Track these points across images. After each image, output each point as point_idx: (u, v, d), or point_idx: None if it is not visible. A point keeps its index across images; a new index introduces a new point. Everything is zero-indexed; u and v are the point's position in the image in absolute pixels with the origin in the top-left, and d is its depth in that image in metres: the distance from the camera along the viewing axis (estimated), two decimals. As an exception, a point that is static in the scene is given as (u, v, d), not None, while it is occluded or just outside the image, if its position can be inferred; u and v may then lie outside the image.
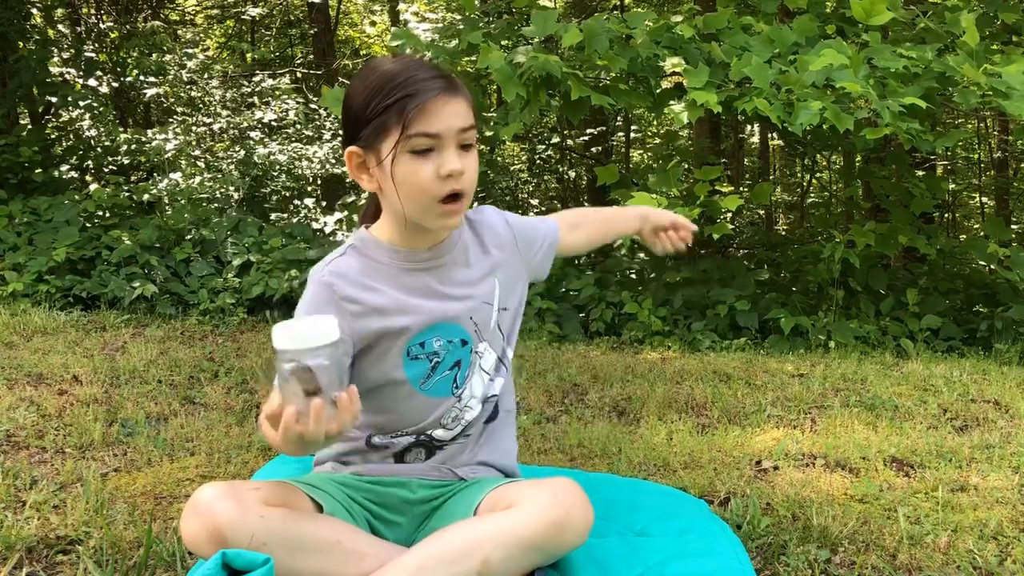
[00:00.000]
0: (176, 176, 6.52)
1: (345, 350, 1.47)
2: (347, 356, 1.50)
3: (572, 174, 8.31)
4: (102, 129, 7.36)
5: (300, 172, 7.71)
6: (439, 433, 1.60)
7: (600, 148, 8.04)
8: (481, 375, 1.62)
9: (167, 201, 6.15)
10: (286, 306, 5.04)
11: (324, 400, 1.20)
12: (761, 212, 9.08)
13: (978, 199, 11.00)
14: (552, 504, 1.40)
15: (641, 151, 10.49)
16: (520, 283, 1.70)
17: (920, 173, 6.16)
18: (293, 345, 1.20)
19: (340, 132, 7.32)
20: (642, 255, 6.95)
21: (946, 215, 9.97)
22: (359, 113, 1.44)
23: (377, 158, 1.44)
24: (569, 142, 7.90)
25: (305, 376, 1.20)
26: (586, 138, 7.83)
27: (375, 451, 1.60)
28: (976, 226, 10.74)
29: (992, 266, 5.59)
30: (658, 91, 4.98)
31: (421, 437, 1.59)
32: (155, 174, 6.91)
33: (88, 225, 5.67)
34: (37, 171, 6.47)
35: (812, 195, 9.07)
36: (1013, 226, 9.51)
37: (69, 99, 6.96)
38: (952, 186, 9.22)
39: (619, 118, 8.81)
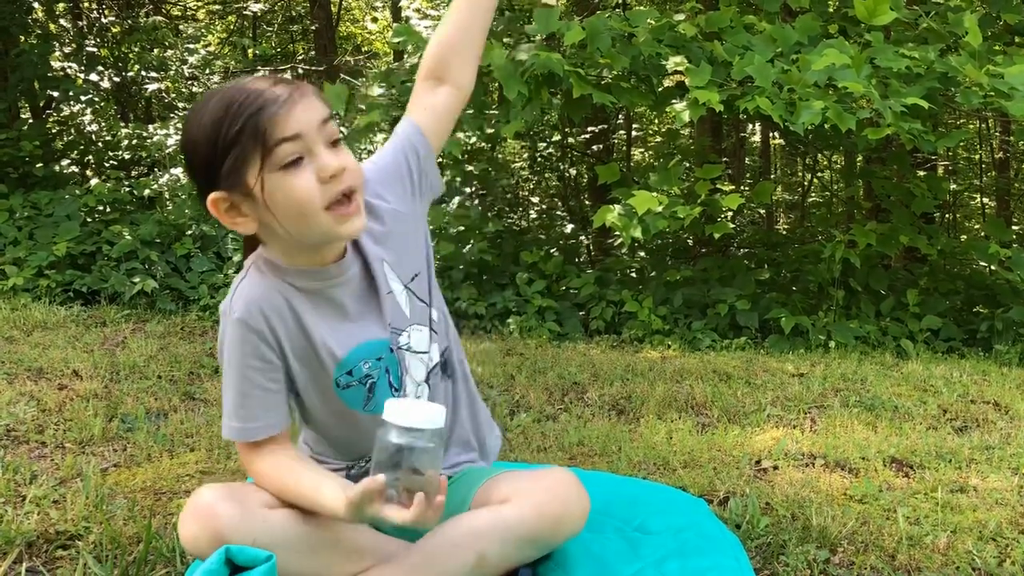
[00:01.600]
0: (177, 171, 6.51)
1: (282, 394, 1.45)
2: (285, 403, 1.46)
3: (573, 172, 8.31)
4: (103, 124, 7.35)
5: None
6: None
7: (601, 146, 8.03)
8: (416, 358, 1.52)
9: (168, 196, 6.15)
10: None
11: (432, 484, 1.23)
12: (762, 211, 9.07)
13: (979, 200, 10.99)
14: (549, 499, 1.41)
15: (642, 149, 10.48)
16: (415, 233, 1.55)
17: (921, 173, 6.16)
18: (425, 425, 1.23)
19: (343, 128, 7.33)
20: (642, 254, 6.95)
21: (947, 215, 9.95)
22: (208, 154, 1.30)
23: (246, 192, 1.31)
24: (570, 140, 7.90)
25: (433, 455, 1.23)
26: (587, 136, 7.82)
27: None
28: (977, 227, 10.73)
29: (993, 267, 5.59)
30: (660, 90, 4.97)
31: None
32: (156, 169, 6.91)
33: (89, 220, 5.66)
34: (38, 165, 6.47)
35: (813, 195, 9.06)
36: (1014, 227, 9.50)
37: (70, 94, 6.95)
38: (953, 186, 9.20)
39: (620, 116, 8.80)
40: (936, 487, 2.12)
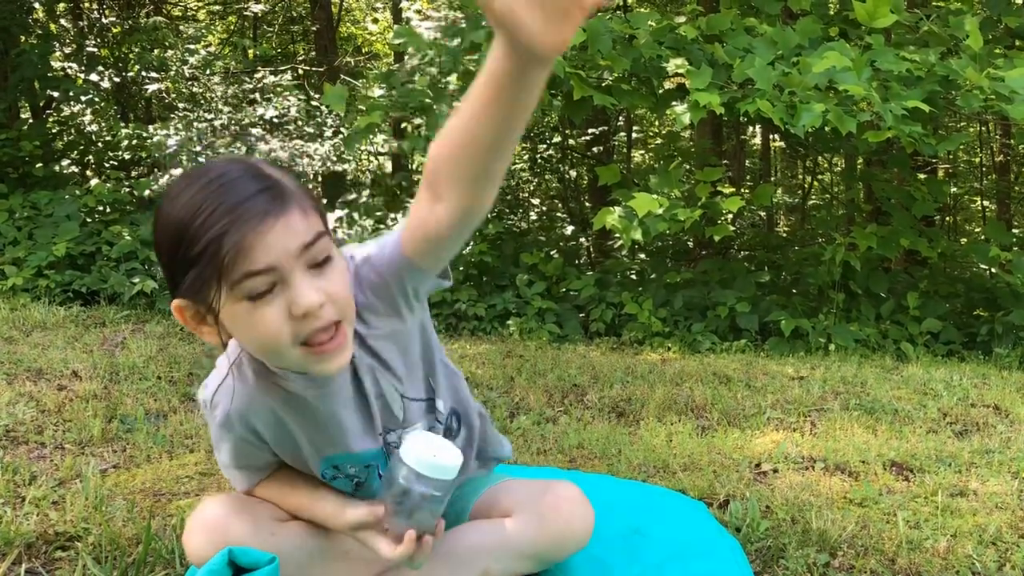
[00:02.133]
0: (177, 172, 6.51)
1: (268, 463, 1.40)
2: (271, 464, 1.39)
3: (573, 174, 8.31)
4: (103, 124, 7.35)
5: (301, 169, 7.71)
6: None
7: (601, 148, 8.04)
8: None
9: (168, 197, 6.14)
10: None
11: (429, 526, 1.24)
12: (762, 214, 9.08)
13: (979, 203, 11.00)
14: (553, 517, 1.38)
15: (643, 151, 10.49)
16: (412, 335, 1.32)
17: (922, 176, 6.16)
18: (438, 474, 1.22)
19: (343, 129, 7.33)
20: (642, 256, 6.95)
21: (947, 219, 9.97)
22: (168, 262, 1.11)
23: (210, 310, 1.10)
24: (571, 142, 7.90)
25: (435, 505, 1.24)
26: (588, 138, 7.82)
27: None
28: (977, 230, 10.73)
29: (993, 270, 5.59)
30: (661, 92, 4.98)
31: None
32: (156, 170, 6.91)
33: (88, 220, 5.67)
34: (38, 166, 6.47)
35: (813, 197, 9.06)
36: (1014, 230, 9.50)
37: (71, 94, 6.96)
38: (954, 189, 9.22)
39: (621, 118, 8.80)
40: (936, 491, 2.12)
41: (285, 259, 1.09)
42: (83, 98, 7.13)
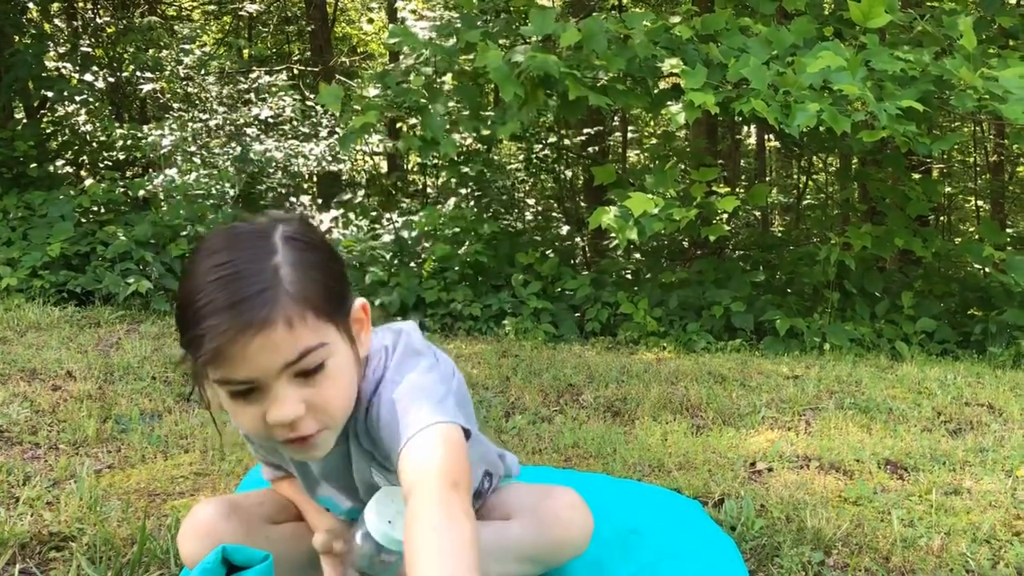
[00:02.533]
0: (172, 172, 6.50)
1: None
2: None
3: (569, 174, 8.31)
4: (98, 124, 7.33)
5: (296, 169, 7.70)
6: None
7: (597, 148, 8.04)
8: None
9: (162, 197, 6.14)
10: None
11: None
12: (757, 214, 9.09)
13: (974, 202, 11.03)
14: (553, 522, 1.38)
15: (638, 151, 10.49)
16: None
17: (916, 176, 6.18)
18: (392, 546, 1.18)
19: (338, 129, 7.32)
20: (638, 256, 6.96)
21: (942, 218, 9.99)
22: (177, 325, 1.11)
23: (206, 381, 1.10)
24: (566, 142, 7.90)
25: (388, 568, 1.21)
26: (583, 138, 7.82)
27: None
28: (971, 229, 10.76)
29: (987, 269, 5.60)
30: (656, 91, 4.98)
31: None
32: (151, 170, 6.89)
33: (83, 220, 5.65)
34: (32, 166, 6.45)
35: (808, 197, 9.07)
36: (1008, 229, 9.52)
37: (65, 94, 6.93)
38: (948, 189, 9.24)
39: (616, 118, 8.81)
40: (930, 489, 2.12)
41: (264, 374, 1.06)
42: (77, 98, 7.10)
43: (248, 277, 1.04)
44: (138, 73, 7.64)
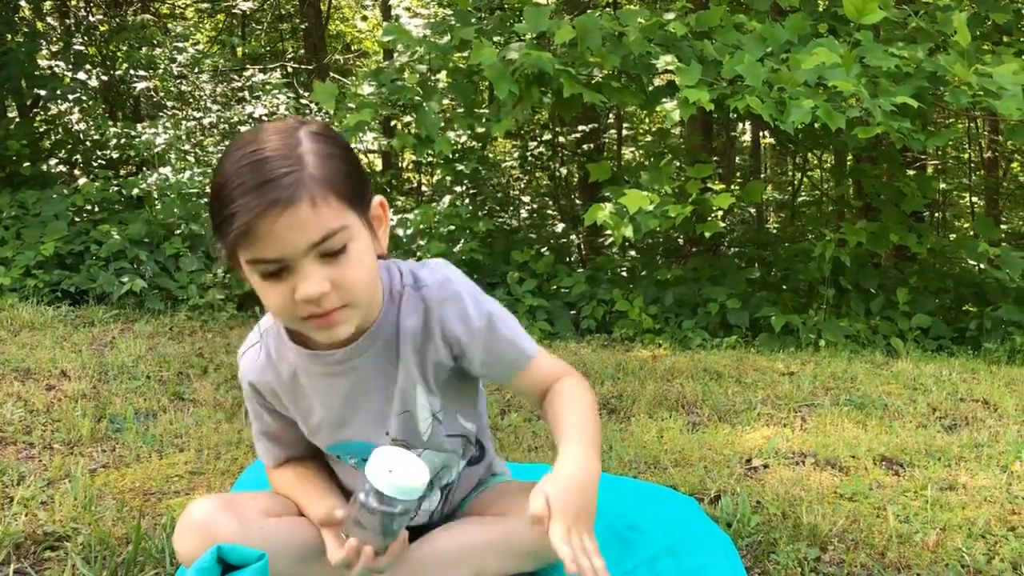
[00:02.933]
0: (166, 171, 6.48)
1: (294, 437, 1.46)
2: (299, 441, 1.46)
3: (564, 171, 8.31)
4: (91, 123, 7.31)
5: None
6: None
7: (592, 145, 8.03)
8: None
9: (156, 196, 6.12)
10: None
11: (382, 543, 1.24)
12: (752, 210, 9.10)
13: (968, 199, 11.05)
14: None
15: (633, 148, 10.49)
16: (473, 386, 1.45)
17: (911, 172, 6.18)
18: (394, 493, 1.20)
19: (332, 127, 7.30)
20: (633, 253, 6.96)
21: (936, 214, 10.00)
22: (211, 213, 1.18)
23: (238, 265, 1.19)
24: (561, 139, 7.90)
25: (388, 521, 1.23)
26: (578, 135, 7.82)
27: None
28: (966, 225, 10.78)
29: (982, 265, 5.62)
30: (650, 89, 4.98)
31: None
32: (144, 168, 6.88)
33: (77, 219, 5.64)
34: (25, 165, 6.43)
35: (803, 194, 9.08)
36: (1003, 225, 9.55)
37: (58, 92, 6.91)
38: (943, 185, 9.25)
39: (611, 115, 8.80)
40: (926, 485, 2.12)
41: (292, 252, 1.13)
42: (71, 97, 7.08)
43: (275, 161, 1.12)
44: (131, 71, 7.62)
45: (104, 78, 7.61)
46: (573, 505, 1.21)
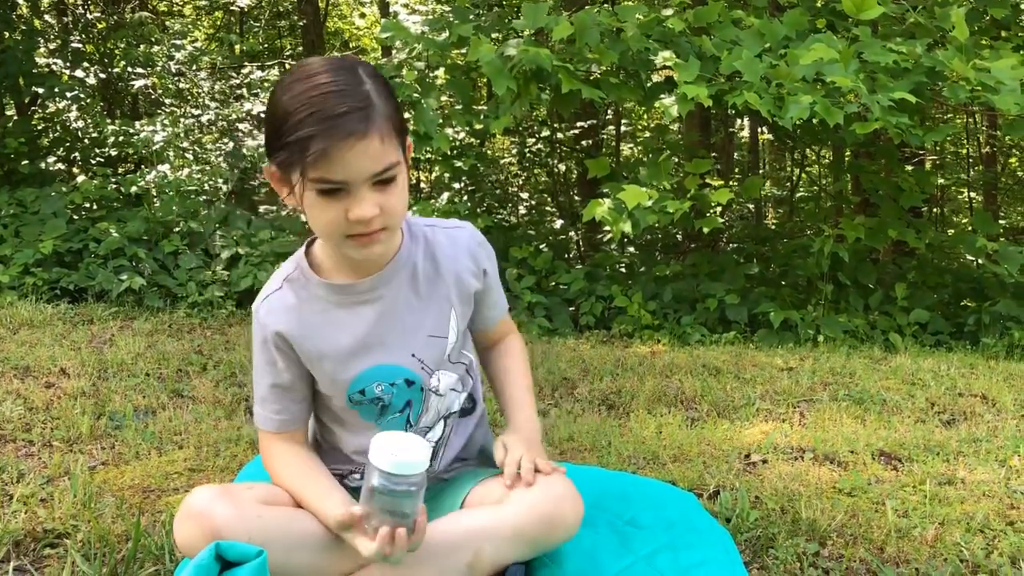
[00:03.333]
0: (164, 168, 6.47)
1: (302, 395, 1.50)
2: (306, 398, 1.51)
3: (562, 168, 8.31)
4: (89, 120, 7.30)
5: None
6: None
7: (590, 141, 8.03)
8: (438, 402, 1.54)
9: (155, 193, 6.11)
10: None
11: (407, 522, 1.28)
12: (751, 206, 9.10)
13: (966, 194, 11.04)
14: (543, 498, 1.41)
15: (631, 145, 10.49)
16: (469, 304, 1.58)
17: (909, 168, 6.18)
18: (402, 471, 1.25)
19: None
20: (632, 249, 6.96)
21: (935, 210, 10.00)
22: (268, 135, 1.33)
23: (289, 185, 1.32)
24: (559, 135, 7.90)
25: (408, 499, 1.27)
26: (576, 131, 7.82)
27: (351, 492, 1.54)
28: (964, 221, 10.78)
29: (980, 260, 5.62)
30: (649, 85, 4.98)
31: None
32: (143, 166, 6.86)
33: (75, 217, 5.63)
34: (23, 163, 6.42)
35: (802, 189, 9.09)
36: (1001, 221, 9.55)
37: (56, 90, 6.90)
38: (941, 181, 9.25)
39: (609, 111, 8.80)
40: (924, 480, 2.13)
41: (356, 178, 1.27)
42: (68, 94, 7.07)
43: (351, 95, 1.26)
44: (129, 69, 7.61)
45: (102, 76, 7.60)
46: (525, 445, 1.50)
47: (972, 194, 10.88)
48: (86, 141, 7.22)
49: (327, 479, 1.46)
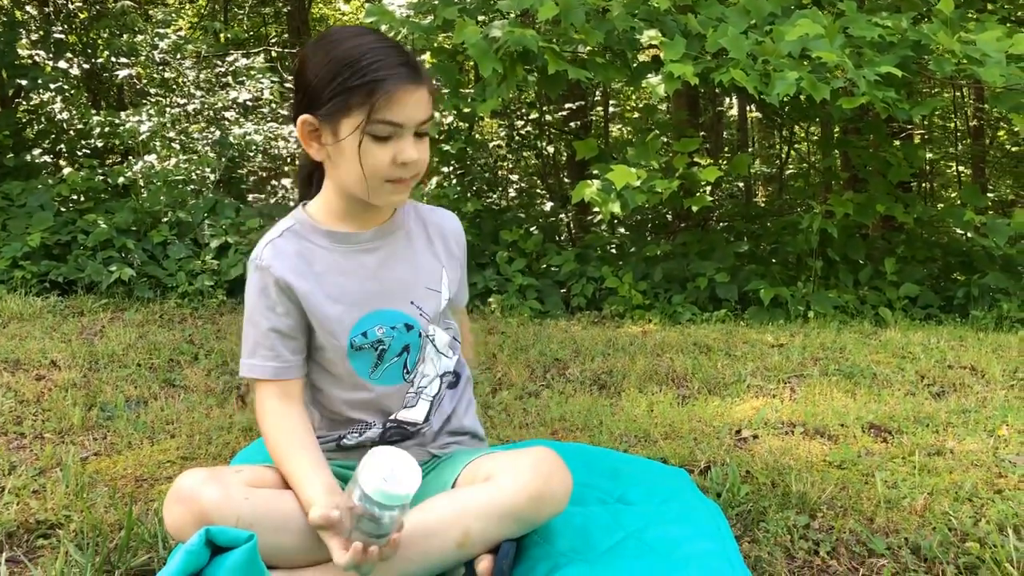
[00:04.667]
0: (151, 158, 6.44)
1: (300, 346, 1.51)
2: (302, 352, 1.52)
3: (551, 150, 8.29)
4: (74, 112, 7.25)
5: (277, 152, 7.65)
6: (404, 415, 1.59)
7: (579, 123, 8.01)
8: (435, 357, 1.60)
9: (142, 184, 6.08)
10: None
11: (382, 541, 1.27)
12: (740, 184, 9.11)
13: (955, 168, 11.07)
14: (532, 476, 1.42)
15: (620, 125, 10.47)
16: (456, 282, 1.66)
17: (897, 143, 6.19)
18: (388, 501, 1.24)
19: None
20: (622, 230, 6.96)
21: (923, 184, 10.02)
22: (320, 86, 1.40)
23: (334, 133, 1.41)
24: (547, 117, 7.87)
25: (387, 523, 1.26)
26: (564, 113, 7.80)
27: (348, 451, 1.58)
28: (953, 195, 10.81)
29: (969, 234, 5.64)
30: (635, 64, 4.96)
31: (389, 425, 1.58)
32: (130, 156, 6.83)
33: (63, 209, 5.60)
34: (8, 156, 6.38)
35: (790, 166, 9.10)
36: (989, 194, 9.58)
37: (39, 81, 6.85)
38: (929, 155, 9.27)
39: (598, 93, 8.78)
40: (913, 451, 2.14)
41: (410, 122, 1.40)
42: (52, 86, 7.02)
43: (404, 52, 1.42)
44: (113, 59, 7.55)
45: (86, 66, 7.54)
46: None
47: (960, 168, 10.91)
48: (71, 133, 7.17)
49: (314, 454, 1.44)
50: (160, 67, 8.05)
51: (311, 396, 1.60)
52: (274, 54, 9.73)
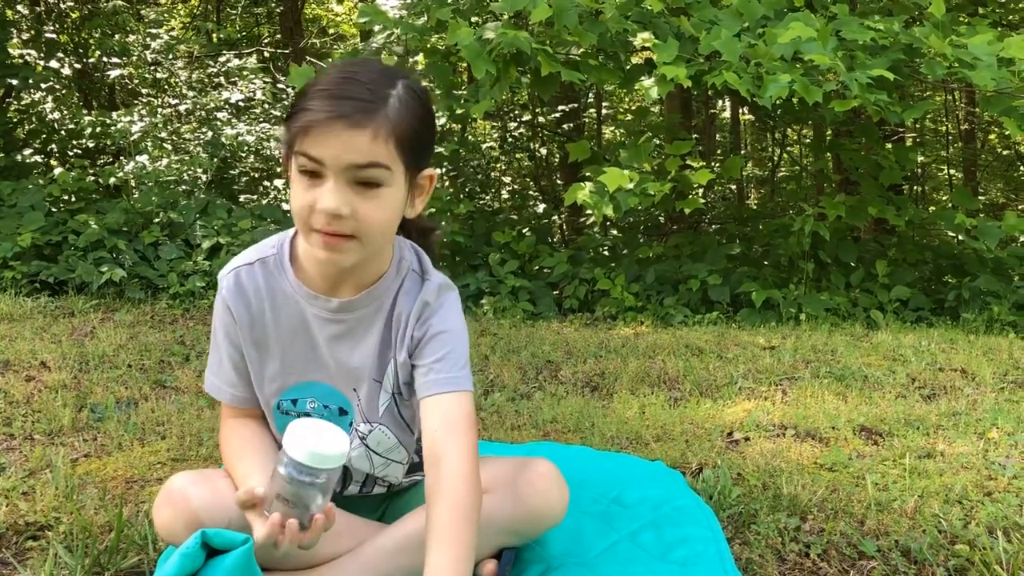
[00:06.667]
0: (143, 159, 6.42)
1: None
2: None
3: (544, 152, 8.29)
4: (65, 112, 7.23)
5: (269, 153, 7.64)
6: (349, 489, 1.53)
7: (572, 125, 8.02)
8: (369, 456, 1.48)
9: (134, 184, 6.06)
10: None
11: (303, 516, 1.20)
12: (732, 187, 9.12)
13: (946, 171, 11.11)
14: (530, 494, 1.40)
15: (613, 128, 10.48)
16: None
17: (889, 145, 6.21)
18: (310, 462, 1.17)
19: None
20: (614, 232, 6.97)
21: (915, 187, 10.06)
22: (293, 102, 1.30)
23: (288, 161, 1.30)
24: (540, 119, 7.88)
25: (311, 492, 1.19)
26: (557, 115, 7.81)
27: None
28: (945, 198, 10.85)
29: (960, 236, 5.66)
30: (628, 66, 4.96)
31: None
32: (121, 157, 6.81)
33: (54, 210, 5.57)
34: (-1, 155, 6.36)
35: (783, 169, 9.12)
36: (980, 196, 9.62)
37: (30, 81, 6.82)
38: (921, 158, 9.31)
39: (591, 95, 8.79)
40: (904, 453, 2.15)
41: (332, 163, 1.21)
42: (43, 86, 7.00)
43: (366, 90, 1.23)
44: (105, 59, 7.52)
45: (77, 66, 7.52)
46: None
47: (952, 171, 10.95)
48: (63, 133, 7.14)
49: (259, 458, 1.40)
50: (152, 67, 8.04)
51: None
52: (266, 55, 9.71)
